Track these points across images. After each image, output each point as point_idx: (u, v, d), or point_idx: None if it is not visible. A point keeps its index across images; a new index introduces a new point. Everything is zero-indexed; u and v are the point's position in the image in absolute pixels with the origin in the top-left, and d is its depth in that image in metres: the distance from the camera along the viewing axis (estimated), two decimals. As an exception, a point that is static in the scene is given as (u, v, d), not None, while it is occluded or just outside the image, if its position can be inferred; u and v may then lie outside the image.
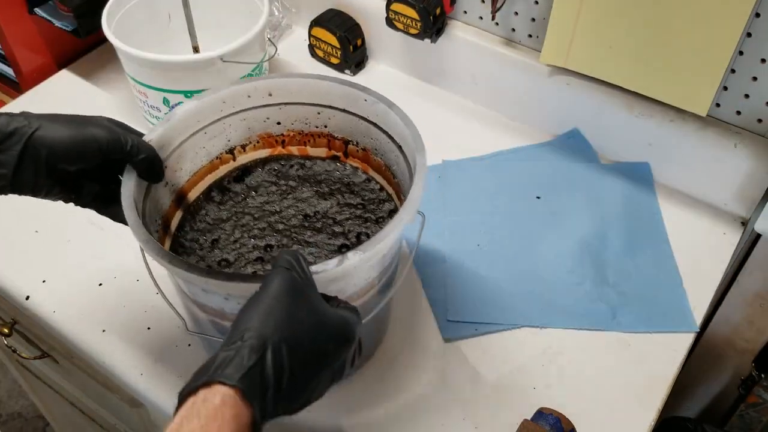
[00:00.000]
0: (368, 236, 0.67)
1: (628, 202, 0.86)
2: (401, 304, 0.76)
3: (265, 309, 0.44)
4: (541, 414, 0.63)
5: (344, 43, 0.98)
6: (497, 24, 0.91)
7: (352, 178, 0.74)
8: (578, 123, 0.92)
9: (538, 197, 0.86)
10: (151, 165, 0.59)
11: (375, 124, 0.69)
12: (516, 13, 0.89)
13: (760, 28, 0.73)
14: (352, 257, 0.52)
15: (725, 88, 0.79)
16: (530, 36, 0.90)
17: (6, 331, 0.91)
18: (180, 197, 0.69)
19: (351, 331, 0.48)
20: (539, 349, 0.72)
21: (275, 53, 1.02)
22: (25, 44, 0.98)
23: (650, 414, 0.68)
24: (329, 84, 0.69)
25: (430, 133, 0.94)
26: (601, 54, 0.82)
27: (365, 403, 0.68)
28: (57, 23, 0.96)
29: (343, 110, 0.70)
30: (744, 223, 0.84)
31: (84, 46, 1.04)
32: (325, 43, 1.00)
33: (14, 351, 0.98)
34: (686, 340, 0.74)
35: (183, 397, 0.42)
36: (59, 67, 1.03)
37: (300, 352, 0.44)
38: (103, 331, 0.72)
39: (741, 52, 0.75)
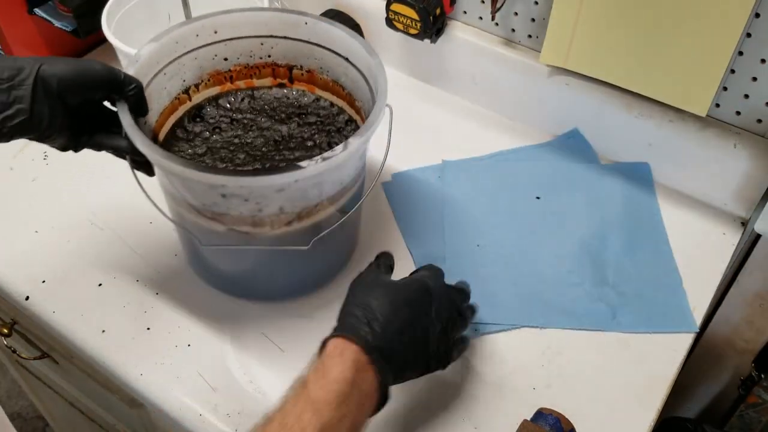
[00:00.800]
0: (338, 143, 0.70)
1: (628, 202, 0.86)
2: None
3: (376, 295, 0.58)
4: (541, 414, 0.63)
5: (344, 43, 0.98)
6: (497, 24, 0.91)
7: (301, 101, 0.79)
8: (578, 123, 0.92)
9: (538, 197, 0.86)
10: (141, 95, 0.63)
11: (318, 44, 0.75)
12: (516, 14, 0.89)
13: (760, 29, 0.73)
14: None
15: (725, 89, 0.79)
16: (530, 36, 0.90)
17: (6, 331, 0.91)
18: (153, 138, 0.72)
19: (428, 293, 0.60)
20: (539, 349, 0.72)
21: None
22: (24, 44, 0.98)
23: (650, 414, 0.68)
24: (269, 14, 0.74)
25: (430, 133, 0.94)
26: (600, 54, 0.82)
27: (365, 403, 0.68)
28: (57, 23, 0.96)
29: (285, 37, 0.75)
30: (744, 224, 0.84)
31: (84, 46, 1.04)
32: (325, 43, 1.00)
33: (14, 351, 0.98)
34: (686, 340, 0.74)
35: (325, 342, 0.55)
36: (59, 68, 1.02)
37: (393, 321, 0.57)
38: (103, 331, 0.72)
39: (741, 53, 0.75)
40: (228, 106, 0.78)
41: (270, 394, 0.68)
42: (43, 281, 0.76)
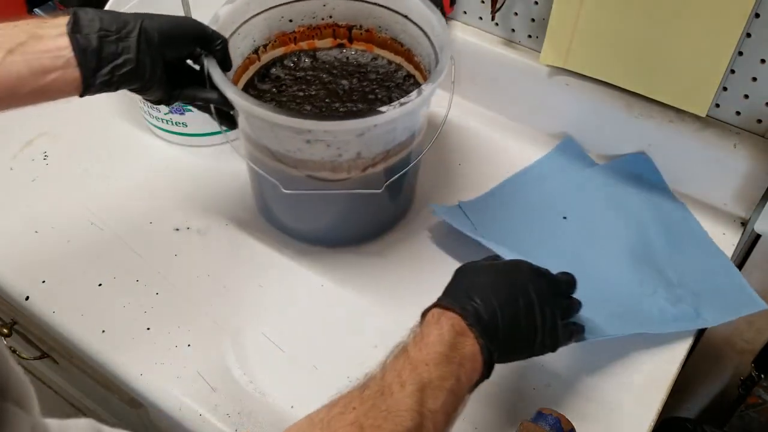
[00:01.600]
0: (398, 98, 0.74)
1: (646, 196, 0.85)
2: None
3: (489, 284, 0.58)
4: (541, 414, 0.63)
5: (344, 43, 0.98)
6: (497, 24, 0.91)
7: (360, 60, 0.84)
8: (577, 123, 0.91)
9: (565, 217, 0.84)
10: (226, 50, 0.67)
11: (377, 4, 0.80)
12: (516, 14, 0.89)
13: (760, 29, 0.73)
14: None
15: (725, 89, 0.79)
16: (530, 36, 0.90)
17: (6, 331, 0.91)
18: None
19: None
20: (539, 349, 0.72)
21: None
22: (25, 44, 0.98)
23: (650, 414, 0.68)
24: None
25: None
26: (600, 54, 0.82)
27: (365, 403, 0.67)
28: (57, 23, 0.96)
29: None
30: (744, 224, 0.84)
31: (84, 46, 1.04)
32: (325, 43, 1.00)
33: (14, 351, 0.98)
34: (686, 340, 0.74)
35: (424, 313, 0.56)
36: (59, 68, 1.02)
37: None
38: (103, 331, 0.72)
39: (741, 53, 0.75)
40: (292, 65, 0.83)
41: (270, 394, 0.68)
42: (43, 281, 0.76)
